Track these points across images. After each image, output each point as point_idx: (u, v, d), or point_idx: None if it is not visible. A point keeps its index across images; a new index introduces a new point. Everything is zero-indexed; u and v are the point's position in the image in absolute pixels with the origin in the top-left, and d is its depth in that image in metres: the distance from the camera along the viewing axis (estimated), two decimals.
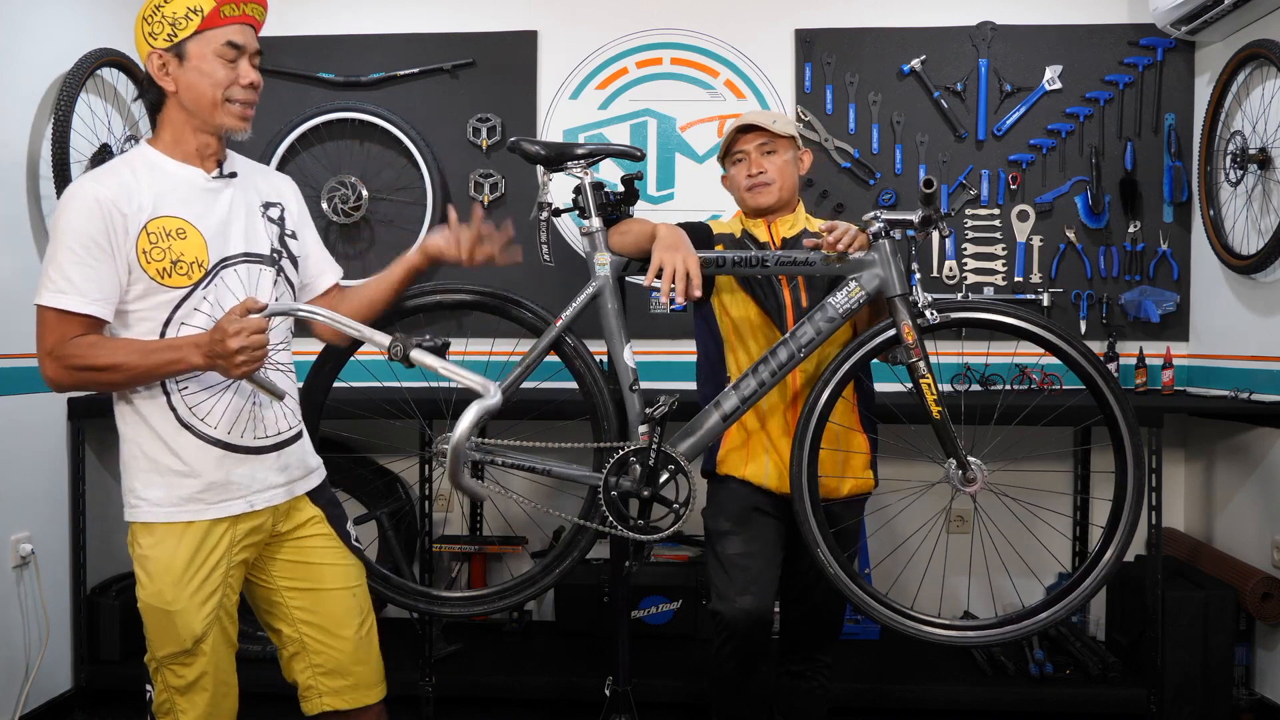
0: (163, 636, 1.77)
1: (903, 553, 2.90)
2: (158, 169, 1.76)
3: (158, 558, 1.75)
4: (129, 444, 1.80)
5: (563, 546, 2.22)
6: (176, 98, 1.75)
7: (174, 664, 1.79)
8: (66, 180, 3.00)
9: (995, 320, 2.08)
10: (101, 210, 1.67)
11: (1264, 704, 3.13)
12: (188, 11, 1.71)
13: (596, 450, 2.14)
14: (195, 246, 1.74)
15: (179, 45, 1.72)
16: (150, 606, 1.76)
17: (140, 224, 1.70)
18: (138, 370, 1.69)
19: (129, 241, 1.69)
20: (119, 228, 1.68)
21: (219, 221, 1.78)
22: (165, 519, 1.76)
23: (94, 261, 1.67)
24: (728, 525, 2.27)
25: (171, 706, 1.82)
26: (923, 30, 3.58)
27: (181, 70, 1.73)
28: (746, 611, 2.17)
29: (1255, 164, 3.12)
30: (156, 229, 1.71)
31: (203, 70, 1.73)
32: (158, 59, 1.73)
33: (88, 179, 1.72)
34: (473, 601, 2.26)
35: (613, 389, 2.14)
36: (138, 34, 1.76)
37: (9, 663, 2.92)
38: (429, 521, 3.18)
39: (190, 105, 1.75)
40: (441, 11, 3.69)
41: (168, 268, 1.72)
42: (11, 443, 2.93)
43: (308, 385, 2.18)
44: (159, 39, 1.72)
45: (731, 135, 2.31)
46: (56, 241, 1.69)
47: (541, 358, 2.12)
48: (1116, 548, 2.08)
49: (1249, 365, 3.20)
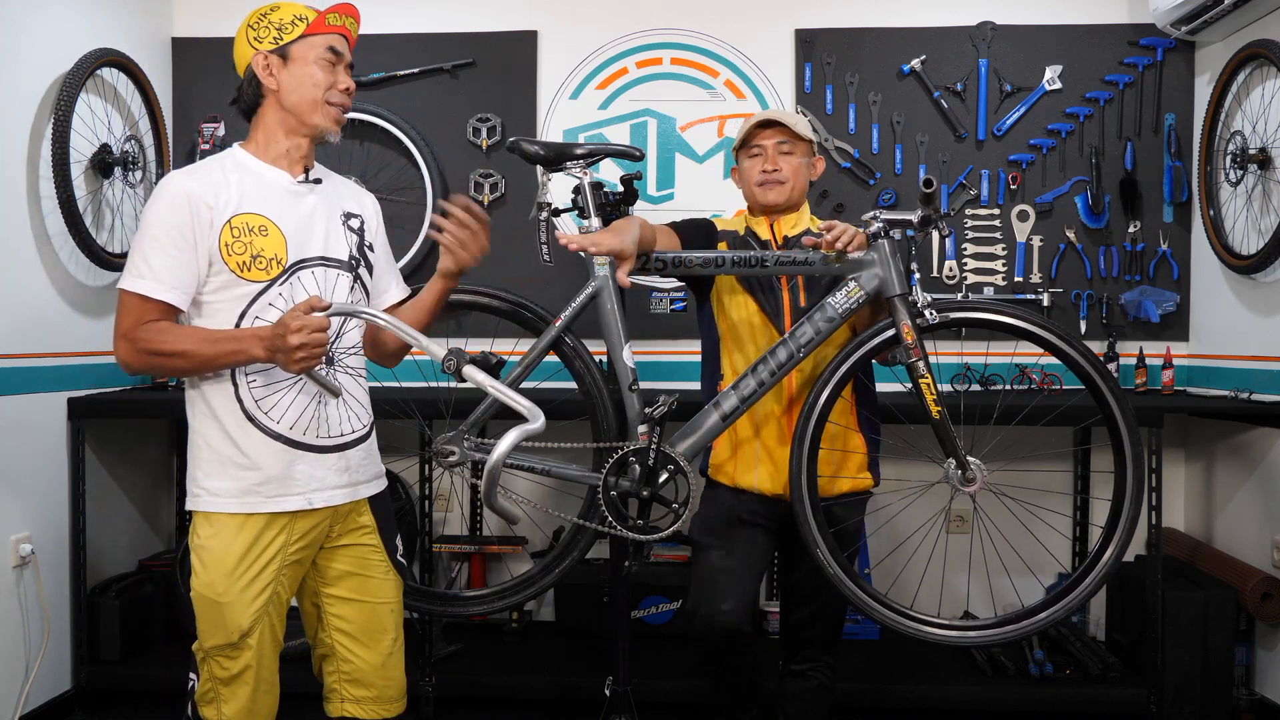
0: (212, 627, 1.82)
1: (902, 553, 2.90)
2: (246, 169, 1.84)
3: (214, 548, 1.80)
4: (196, 435, 1.85)
5: (562, 546, 2.22)
6: (277, 97, 1.84)
7: (220, 655, 1.83)
8: (67, 180, 3.00)
9: (995, 320, 2.08)
10: (189, 202, 1.75)
11: (1264, 704, 3.13)
12: (294, 18, 1.84)
13: (596, 450, 2.14)
14: (275, 244, 1.81)
15: (284, 48, 1.83)
16: (202, 596, 1.81)
17: (225, 218, 1.77)
18: (201, 357, 1.75)
19: (213, 234, 1.76)
20: (204, 220, 1.75)
21: (300, 223, 1.85)
22: (225, 509, 1.81)
23: (175, 251, 1.74)
24: (709, 538, 2.28)
25: (215, 696, 1.86)
26: (923, 30, 3.58)
27: (285, 71, 1.83)
28: (715, 625, 2.18)
29: (1255, 164, 3.12)
30: (240, 224, 1.78)
31: (306, 71, 1.84)
32: (263, 59, 1.83)
33: (179, 173, 1.80)
34: (473, 601, 2.26)
35: (612, 389, 2.14)
36: (241, 39, 1.86)
37: (9, 663, 2.92)
38: (429, 521, 3.18)
39: (290, 105, 1.84)
40: (441, 11, 3.69)
41: (248, 261, 1.78)
42: (11, 443, 2.93)
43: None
44: (264, 42, 1.83)
45: (752, 129, 2.30)
46: (143, 230, 1.76)
47: (541, 357, 2.13)
48: (1116, 548, 2.09)
49: (1249, 365, 3.20)
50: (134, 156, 3.36)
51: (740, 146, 2.33)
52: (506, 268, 3.61)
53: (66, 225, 3.06)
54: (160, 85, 3.60)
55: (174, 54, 3.72)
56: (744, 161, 2.34)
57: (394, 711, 2.01)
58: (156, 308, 1.75)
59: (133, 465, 3.55)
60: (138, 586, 3.36)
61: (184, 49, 3.73)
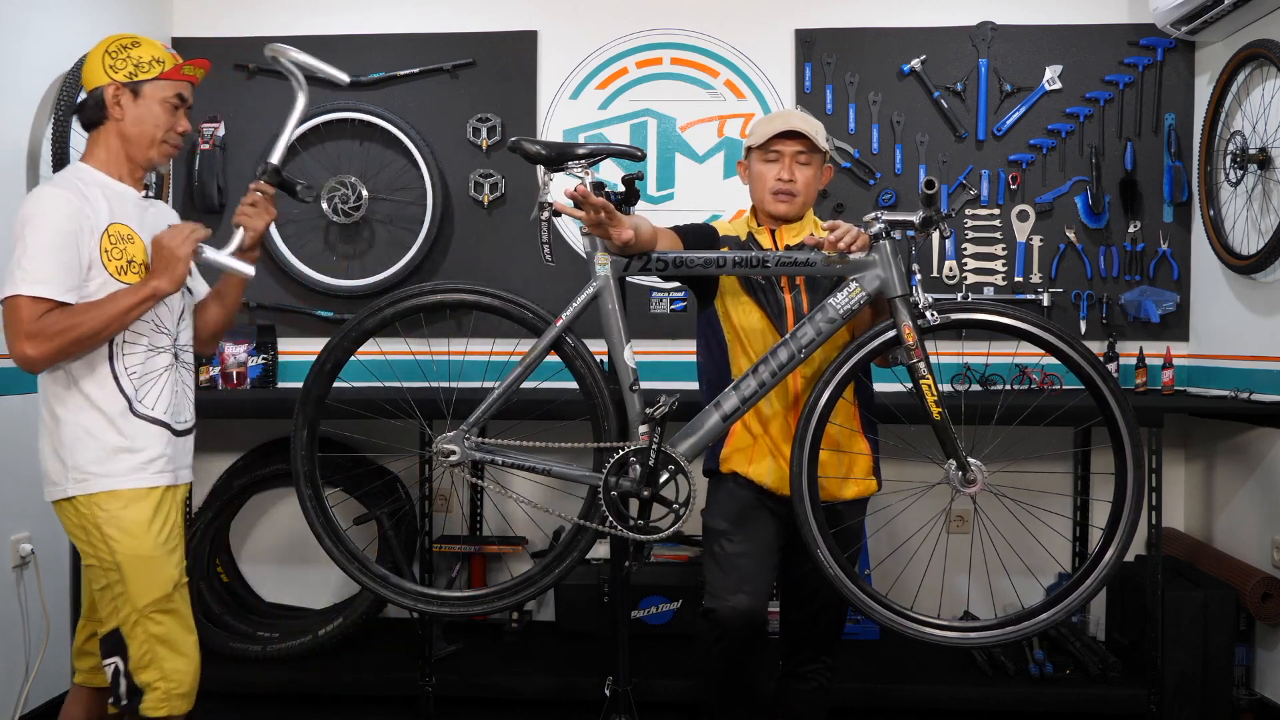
0: (146, 585, 2.00)
1: (903, 553, 2.90)
2: (101, 184, 2.02)
3: (130, 516, 2.00)
4: (70, 426, 2.01)
5: (562, 547, 2.21)
6: (118, 125, 2.02)
7: (155, 611, 2.01)
8: None
9: (995, 321, 2.08)
10: (73, 211, 1.92)
11: (1264, 704, 3.13)
12: (153, 59, 2.03)
13: (596, 450, 2.14)
14: (139, 250, 2.03)
15: (137, 84, 2.02)
16: (133, 558, 1.99)
17: (103, 226, 1.97)
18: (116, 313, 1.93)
19: (94, 240, 1.95)
20: (87, 228, 1.94)
21: (150, 232, 2.05)
22: (128, 485, 2.01)
23: (65, 256, 1.91)
24: (725, 524, 2.28)
25: (153, 658, 2.01)
26: (923, 30, 3.58)
27: (134, 105, 2.02)
28: (739, 610, 2.18)
29: (1255, 164, 3.12)
30: (115, 232, 1.99)
31: (151, 110, 2.03)
32: (114, 90, 2.00)
33: (55, 186, 1.96)
34: (472, 601, 2.25)
35: (613, 389, 2.14)
36: (95, 61, 2.01)
37: (9, 663, 2.92)
38: (429, 521, 3.18)
39: (130, 135, 2.03)
40: (441, 11, 3.69)
41: (124, 266, 1.99)
42: (11, 443, 2.93)
43: (308, 385, 2.18)
44: (119, 73, 2.00)
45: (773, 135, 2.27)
46: (32, 237, 1.90)
47: (541, 358, 2.12)
48: (1116, 548, 2.08)
49: (1249, 365, 3.20)
50: None
51: (756, 146, 2.31)
52: (507, 268, 3.62)
53: None
54: None
55: None
56: (757, 163, 2.31)
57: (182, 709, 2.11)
58: (49, 308, 1.90)
59: None
60: None
61: (184, 49, 3.69)
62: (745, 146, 2.36)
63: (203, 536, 3.44)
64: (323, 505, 2.20)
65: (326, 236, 3.70)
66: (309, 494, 2.18)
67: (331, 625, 3.35)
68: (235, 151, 3.69)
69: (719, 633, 2.21)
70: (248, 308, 3.70)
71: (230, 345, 3.54)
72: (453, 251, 3.68)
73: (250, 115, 3.69)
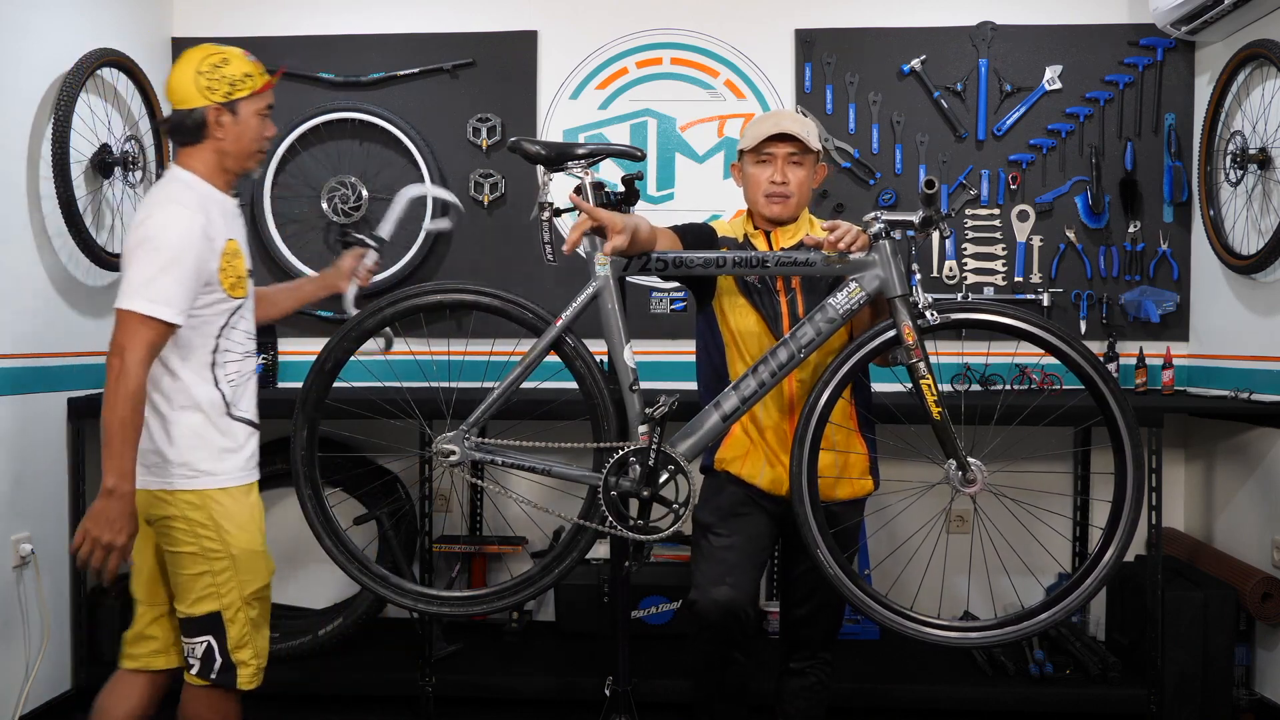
0: (254, 574, 2.14)
1: (903, 553, 2.90)
2: (211, 197, 2.08)
3: (241, 512, 2.11)
4: (179, 425, 2.07)
5: (562, 547, 2.21)
6: (219, 143, 2.08)
7: (255, 598, 2.15)
8: (67, 180, 3.00)
9: (995, 321, 2.08)
10: (198, 232, 1.99)
11: (1264, 704, 3.13)
12: (244, 75, 2.08)
13: (596, 450, 2.14)
14: (242, 265, 2.12)
15: (234, 103, 2.06)
16: (245, 551, 2.11)
17: (221, 245, 2.05)
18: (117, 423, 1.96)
19: (215, 259, 2.03)
20: (209, 248, 2.01)
21: (245, 241, 2.16)
22: (237, 483, 2.13)
23: (184, 278, 1.97)
24: (713, 519, 2.29)
25: (250, 639, 2.15)
26: (923, 30, 3.58)
27: (233, 123, 2.07)
28: (718, 602, 2.17)
29: (1255, 164, 3.12)
30: (229, 249, 2.07)
31: (250, 125, 2.10)
32: (214, 111, 2.05)
33: (178, 205, 2.01)
34: (472, 601, 2.26)
35: (613, 389, 2.14)
36: (189, 82, 2.04)
37: (9, 663, 2.92)
38: (429, 521, 3.18)
39: (230, 151, 2.09)
40: (441, 11, 3.69)
41: (235, 281, 2.09)
42: (11, 443, 2.93)
43: (308, 385, 2.18)
44: (217, 94, 2.05)
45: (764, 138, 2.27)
46: (154, 255, 1.95)
47: (541, 358, 2.12)
48: (1116, 548, 2.08)
49: (1249, 365, 3.20)
50: (134, 156, 3.36)
51: (748, 149, 2.32)
52: (507, 268, 3.61)
53: (66, 225, 3.06)
54: (160, 85, 3.59)
55: (174, 54, 3.72)
56: (750, 166, 2.32)
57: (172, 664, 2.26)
58: (167, 330, 1.97)
59: None
60: None
61: (184, 49, 3.72)
62: (738, 149, 2.36)
63: None
64: (323, 505, 2.20)
65: (327, 237, 3.70)
66: (309, 494, 2.18)
67: (331, 625, 3.35)
68: None
69: (700, 625, 2.21)
70: None
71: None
72: (453, 251, 3.68)
73: None
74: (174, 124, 2.07)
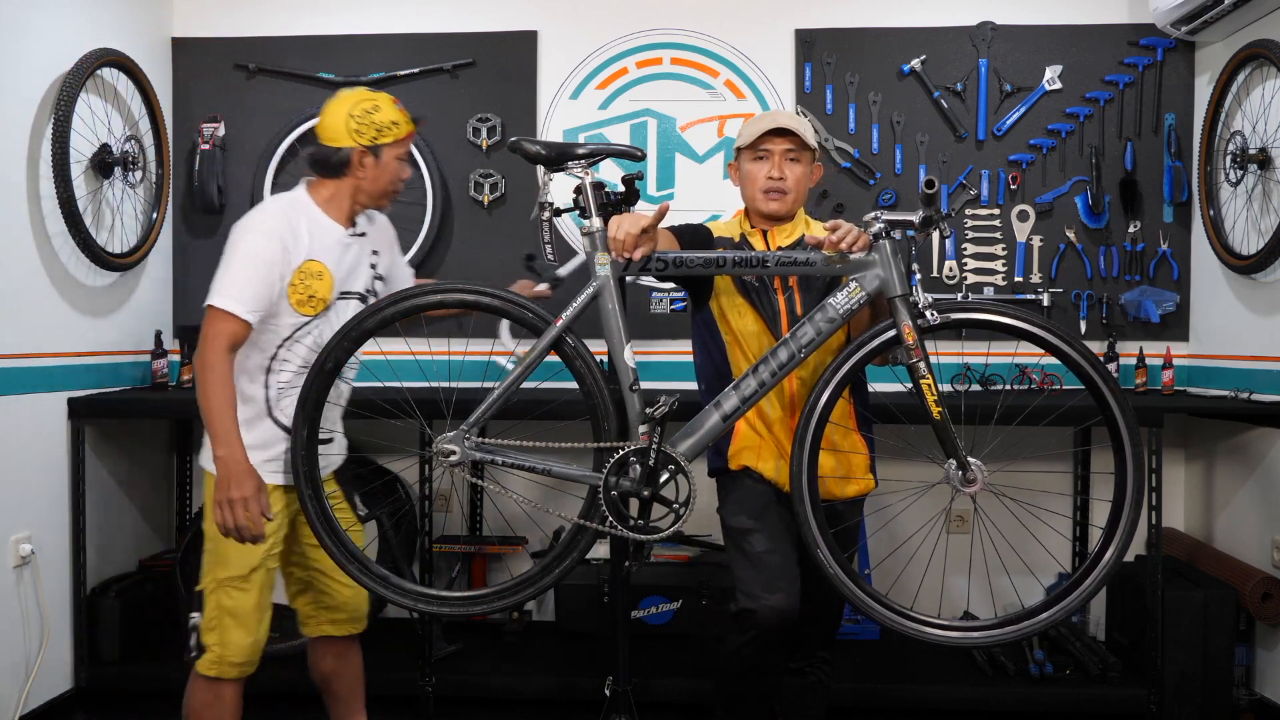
0: (225, 561, 2.21)
1: (903, 553, 2.89)
2: (312, 218, 2.22)
3: None
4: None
5: (562, 547, 2.21)
6: (360, 182, 2.24)
7: (230, 586, 2.22)
8: (67, 180, 3.01)
9: (995, 321, 2.08)
10: (277, 244, 2.14)
11: (1264, 704, 3.13)
12: (391, 123, 2.23)
13: (596, 450, 2.14)
14: (326, 286, 2.22)
15: (378, 147, 2.21)
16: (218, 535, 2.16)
17: (298, 262, 2.17)
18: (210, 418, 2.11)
19: (289, 272, 2.16)
20: (284, 260, 2.15)
21: (344, 270, 2.27)
22: None
23: (260, 282, 2.12)
24: (751, 522, 2.27)
25: (218, 625, 2.23)
26: (923, 30, 3.58)
27: (374, 165, 2.23)
28: (778, 609, 2.18)
29: (1255, 164, 3.12)
30: (307, 269, 2.19)
31: (390, 169, 2.27)
32: (360, 153, 2.21)
33: (268, 216, 2.18)
34: (472, 601, 2.25)
35: (613, 389, 2.14)
36: (340, 123, 2.20)
37: (9, 663, 2.92)
38: (429, 521, 3.18)
39: (369, 190, 2.25)
40: (441, 11, 3.69)
41: (304, 299, 2.20)
42: (11, 443, 2.93)
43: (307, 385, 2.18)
44: (364, 137, 2.20)
45: (762, 134, 2.28)
46: (236, 258, 2.13)
47: (542, 358, 2.12)
48: (1116, 548, 2.08)
49: (1249, 365, 3.20)
50: (134, 156, 3.36)
51: (745, 146, 2.32)
52: (507, 268, 3.61)
53: (66, 225, 3.06)
54: (160, 85, 3.60)
55: (174, 54, 3.72)
56: (747, 163, 2.32)
57: (360, 629, 2.50)
58: (241, 326, 2.11)
59: (133, 465, 3.55)
60: (138, 586, 3.36)
61: (184, 49, 3.73)
62: (735, 148, 2.37)
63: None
64: (323, 505, 2.20)
65: None
66: (309, 494, 2.18)
67: None
68: (235, 151, 3.69)
69: (755, 632, 2.20)
70: None
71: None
72: (453, 251, 3.68)
73: (250, 115, 3.69)
74: (319, 157, 2.23)
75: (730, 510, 2.33)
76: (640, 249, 2.06)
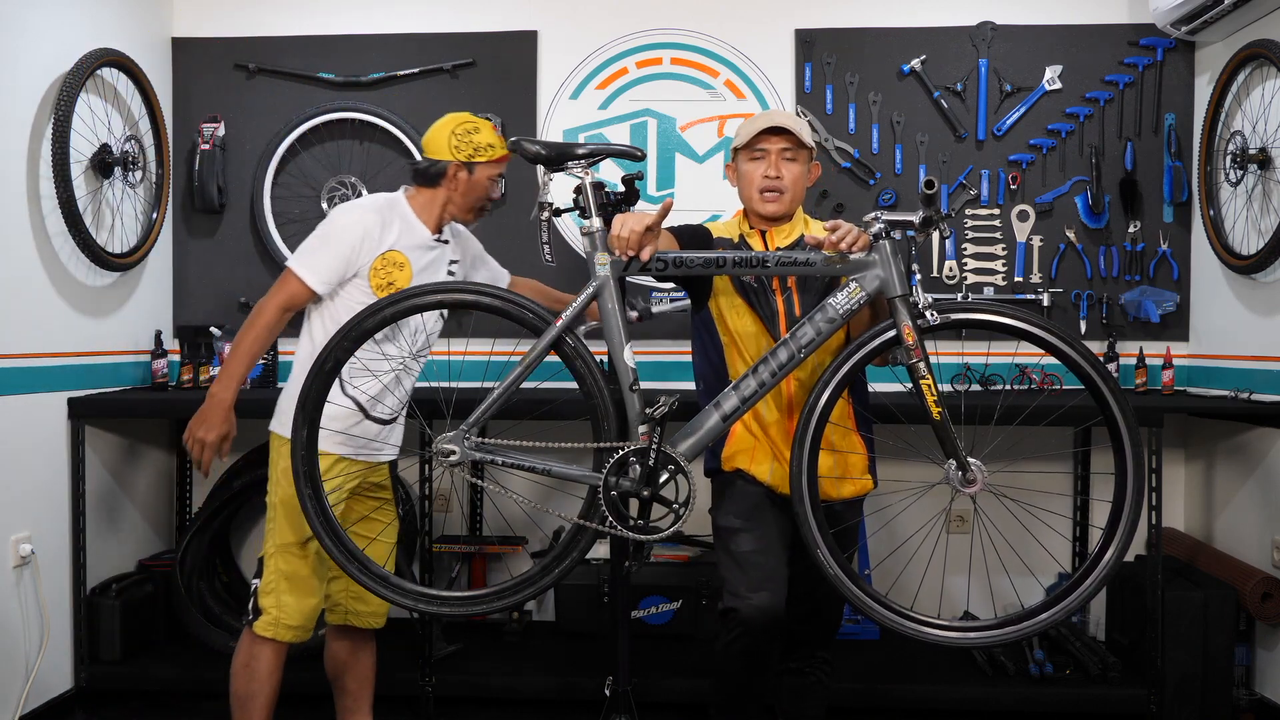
0: (286, 528, 2.38)
1: (903, 553, 2.89)
2: (404, 218, 2.43)
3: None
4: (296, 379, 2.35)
5: (562, 547, 2.21)
6: (453, 194, 2.44)
7: (288, 552, 2.38)
8: (67, 180, 3.01)
9: (995, 321, 2.08)
10: (364, 232, 2.36)
11: (1264, 704, 3.13)
12: (488, 144, 2.42)
13: (596, 450, 2.14)
14: (405, 278, 2.41)
15: (473, 164, 2.41)
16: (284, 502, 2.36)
17: (382, 250, 2.38)
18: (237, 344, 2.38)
19: (369, 256, 2.37)
20: (369, 247, 2.37)
21: (423, 267, 2.45)
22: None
23: (336, 260, 2.35)
24: (739, 522, 2.28)
25: (275, 589, 2.39)
26: (923, 30, 3.58)
27: (467, 180, 2.42)
28: (762, 609, 2.18)
29: (1255, 164, 3.12)
30: (389, 257, 2.39)
31: (481, 186, 2.45)
32: (455, 167, 2.41)
33: (363, 206, 2.43)
34: (472, 601, 2.25)
35: (613, 389, 2.14)
36: (443, 139, 2.41)
37: (9, 663, 2.92)
38: (429, 521, 3.18)
39: (458, 203, 2.45)
40: (441, 11, 3.69)
41: (384, 284, 2.39)
42: (11, 443, 2.93)
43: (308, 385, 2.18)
44: (462, 153, 2.40)
45: (758, 133, 2.28)
46: (322, 235, 2.38)
47: (542, 357, 2.12)
48: (1116, 548, 2.08)
49: (1249, 365, 3.20)
50: (134, 156, 3.36)
51: (742, 146, 2.33)
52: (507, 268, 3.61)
53: (66, 225, 3.06)
54: (160, 85, 3.60)
55: (174, 54, 3.72)
56: (744, 163, 2.32)
57: (379, 625, 2.63)
58: (304, 291, 2.36)
59: (133, 465, 3.55)
60: (138, 586, 3.36)
61: (184, 49, 3.73)
62: (732, 148, 2.37)
63: (202, 536, 3.44)
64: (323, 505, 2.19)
65: None
66: (309, 494, 2.18)
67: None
68: (235, 151, 3.69)
69: (740, 631, 2.21)
70: (247, 308, 3.69)
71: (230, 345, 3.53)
72: None
73: (250, 115, 3.69)
74: (419, 168, 2.45)
75: (720, 511, 2.34)
76: (646, 248, 2.05)
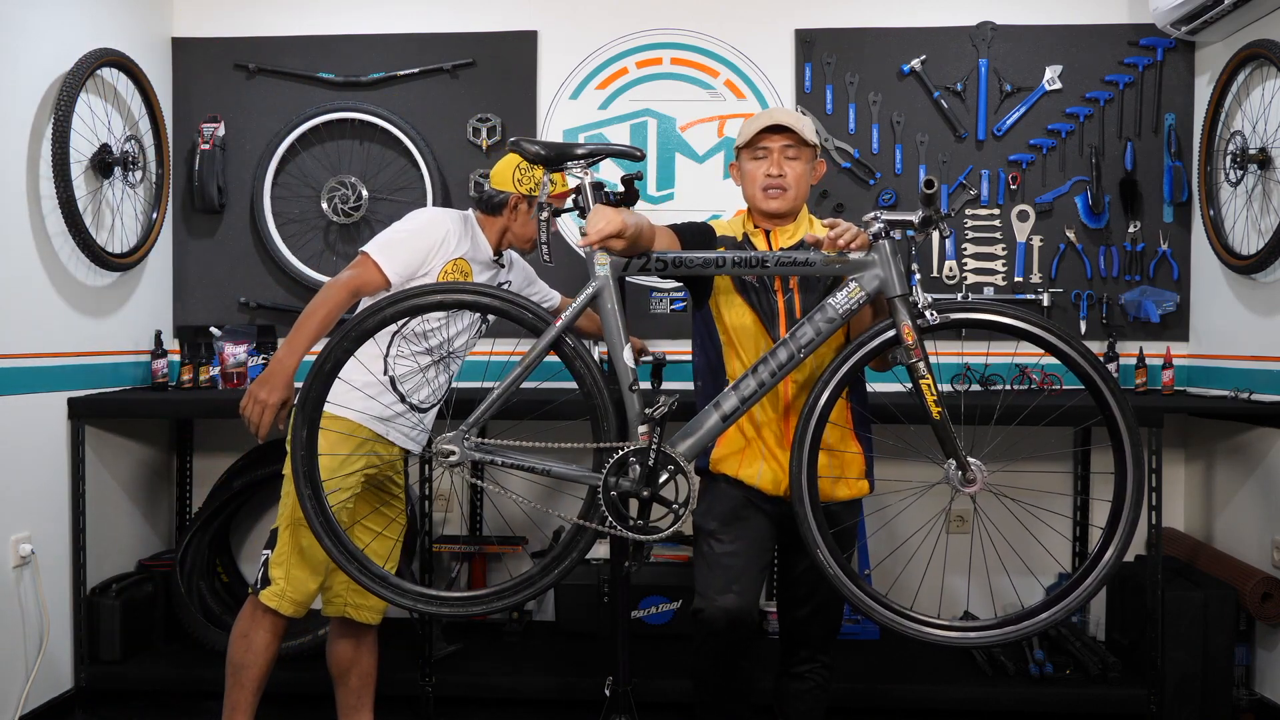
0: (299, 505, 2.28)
1: (902, 553, 2.89)
2: (476, 235, 2.59)
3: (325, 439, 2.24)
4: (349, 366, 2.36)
5: (562, 547, 2.21)
6: (510, 222, 2.59)
7: (302, 526, 2.35)
8: (67, 180, 3.01)
9: (995, 321, 2.08)
10: (443, 233, 2.49)
11: (1264, 704, 3.13)
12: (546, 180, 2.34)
13: (596, 450, 2.14)
14: None
15: (532, 199, 2.55)
16: None
17: (451, 255, 2.51)
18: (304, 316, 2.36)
19: (442, 260, 2.49)
20: (444, 250, 2.49)
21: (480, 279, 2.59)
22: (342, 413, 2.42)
23: (415, 256, 2.45)
24: (714, 524, 2.29)
25: (285, 561, 2.46)
26: (923, 30, 3.58)
27: (525, 213, 2.57)
28: (726, 610, 2.18)
29: (1255, 164, 3.12)
30: (459, 264, 2.53)
31: (530, 221, 2.60)
32: (517, 198, 2.56)
33: (444, 212, 2.57)
34: (472, 601, 2.25)
35: (612, 389, 2.14)
36: (509, 173, 2.56)
37: (9, 663, 2.93)
38: (429, 521, 3.18)
39: (516, 231, 2.60)
40: (441, 11, 3.69)
41: None
42: (11, 443, 2.93)
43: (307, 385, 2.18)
44: (524, 187, 2.56)
45: (759, 132, 2.28)
46: (405, 227, 2.50)
47: (541, 358, 2.12)
48: (1116, 548, 2.08)
49: (1249, 365, 3.20)
50: (134, 156, 3.36)
51: (744, 145, 2.33)
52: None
53: (66, 225, 3.07)
54: (160, 85, 3.60)
55: (174, 54, 3.72)
56: (747, 162, 2.32)
57: (377, 620, 2.66)
58: (377, 277, 2.42)
59: (133, 465, 3.55)
60: (138, 586, 3.36)
61: (184, 49, 3.73)
62: (735, 147, 2.37)
63: (202, 536, 3.45)
64: (323, 505, 2.19)
65: (327, 236, 3.70)
66: (309, 494, 2.18)
67: None
68: (235, 151, 3.69)
69: (706, 632, 2.22)
70: (247, 308, 3.70)
71: (230, 345, 3.54)
72: None
73: (250, 115, 3.69)
74: (484, 197, 2.59)
75: (700, 511, 2.34)
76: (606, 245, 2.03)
